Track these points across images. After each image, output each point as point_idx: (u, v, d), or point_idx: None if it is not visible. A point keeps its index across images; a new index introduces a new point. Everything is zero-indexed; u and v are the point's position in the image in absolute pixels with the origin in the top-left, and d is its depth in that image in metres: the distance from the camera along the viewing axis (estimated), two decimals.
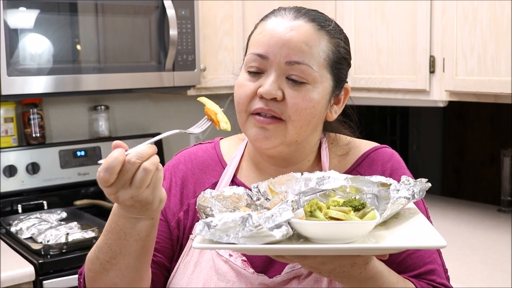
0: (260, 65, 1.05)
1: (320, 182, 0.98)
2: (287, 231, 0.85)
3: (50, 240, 2.06)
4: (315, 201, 0.89)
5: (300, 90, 1.03)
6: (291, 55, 1.03)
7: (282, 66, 1.03)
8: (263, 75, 1.05)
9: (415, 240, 0.90)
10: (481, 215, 2.50)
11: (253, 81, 1.06)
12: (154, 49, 2.43)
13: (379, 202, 0.96)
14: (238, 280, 1.06)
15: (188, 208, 1.13)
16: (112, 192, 0.86)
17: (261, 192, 1.01)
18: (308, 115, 1.04)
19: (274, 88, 1.02)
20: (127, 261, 0.96)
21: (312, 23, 1.06)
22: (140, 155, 0.87)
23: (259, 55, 1.05)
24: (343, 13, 2.48)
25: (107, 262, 0.97)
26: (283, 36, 1.03)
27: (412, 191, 0.96)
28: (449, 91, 2.18)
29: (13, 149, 2.43)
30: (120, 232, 0.94)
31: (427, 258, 1.07)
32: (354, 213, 0.88)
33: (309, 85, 1.04)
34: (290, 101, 1.03)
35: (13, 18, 2.10)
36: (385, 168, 1.12)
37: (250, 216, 0.83)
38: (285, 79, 1.04)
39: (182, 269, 1.10)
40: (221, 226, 0.84)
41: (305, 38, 1.04)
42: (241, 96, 1.07)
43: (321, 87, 1.05)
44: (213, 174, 1.17)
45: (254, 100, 1.05)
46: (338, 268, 0.90)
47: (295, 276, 1.05)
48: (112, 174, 0.84)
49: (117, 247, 0.96)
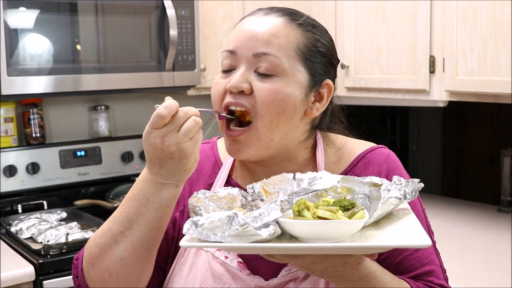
0: (231, 62, 1.05)
1: (312, 182, 0.98)
2: (275, 230, 0.85)
3: (50, 240, 2.06)
4: (303, 201, 0.89)
5: (267, 82, 1.02)
6: (258, 47, 1.02)
7: (250, 59, 1.03)
8: (234, 71, 1.05)
9: (400, 239, 0.89)
10: (481, 215, 2.50)
11: (225, 78, 1.06)
12: (154, 49, 2.43)
13: (371, 202, 0.96)
14: (234, 282, 1.05)
15: (184, 209, 1.13)
16: (161, 134, 0.91)
17: (256, 192, 1.01)
18: (277, 108, 1.02)
19: (240, 80, 1.02)
20: (141, 232, 0.97)
21: (283, 17, 1.06)
22: (190, 110, 0.94)
23: (229, 51, 1.05)
24: (343, 13, 2.48)
25: (120, 233, 0.97)
26: (250, 30, 1.04)
27: (404, 191, 0.95)
28: (449, 91, 2.18)
29: (13, 149, 2.43)
30: (143, 198, 0.96)
31: (425, 259, 1.07)
32: (343, 213, 0.88)
33: (277, 77, 1.02)
34: (258, 93, 1.02)
35: (13, 18, 2.10)
36: (381, 169, 1.11)
37: (236, 215, 0.84)
38: (253, 72, 1.03)
39: (178, 270, 1.10)
40: (208, 225, 0.84)
41: (273, 30, 1.03)
42: (214, 94, 1.07)
43: (293, 80, 1.03)
44: (209, 175, 1.17)
45: (226, 97, 1.05)
46: (330, 268, 0.90)
47: (291, 278, 1.04)
48: (170, 113, 0.91)
49: (135, 215, 0.96)
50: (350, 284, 0.94)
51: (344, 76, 2.50)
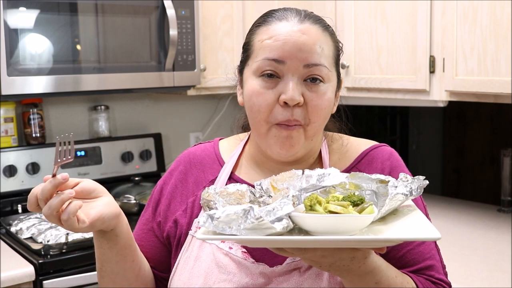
0: (276, 70, 1.05)
1: (320, 179, 1.00)
2: (288, 224, 0.88)
3: (50, 240, 2.06)
4: (315, 196, 0.91)
5: (317, 91, 1.06)
6: (308, 58, 1.04)
7: (300, 70, 1.04)
8: (279, 80, 1.05)
9: (411, 232, 0.92)
10: (481, 215, 2.50)
11: (270, 88, 1.05)
12: (154, 49, 2.43)
13: (378, 198, 0.98)
14: (239, 271, 1.07)
15: (186, 207, 1.16)
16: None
17: (263, 189, 1.04)
18: (326, 114, 1.08)
19: (297, 93, 1.04)
20: (110, 267, 1.10)
21: (317, 25, 1.08)
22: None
23: (275, 60, 1.05)
24: (343, 13, 2.48)
25: (100, 269, 1.12)
26: (297, 40, 1.04)
27: (410, 188, 0.98)
28: (449, 91, 2.18)
29: (13, 149, 2.43)
30: (97, 242, 1.08)
31: (426, 254, 1.09)
32: (353, 208, 0.90)
33: (325, 84, 1.07)
34: (311, 104, 1.05)
35: (13, 18, 2.10)
36: (384, 166, 1.14)
37: (251, 208, 0.86)
38: (303, 82, 1.05)
39: (183, 264, 1.12)
40: (224, 218, 0.87)
41: (317, 40, 1.06)
42: (261, 105, 1.06)
43: (332, 85, 1.09)
44: (210, 171, 1.19)
45: (275, 109, 1.05)
46: (338, 262, 0.91)
47: (295, 267, 1.06)
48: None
49: (100, 255, 1.10)
50: (356, 278, 0.96)
51: (344, 76, 2.50)
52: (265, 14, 1.12)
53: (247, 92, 1.08)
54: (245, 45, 1.13)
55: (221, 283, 1.06)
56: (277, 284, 1.05)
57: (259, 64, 1.06)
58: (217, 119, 3.05)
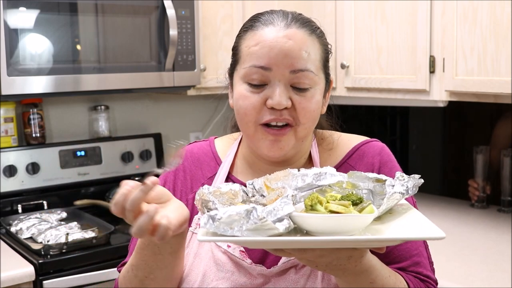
0: (262, 77, 1.06)
1: (317, 178, 1.00)
2: (289, 224, 0.87)
3: (50, 240, 2.06)
4: (316, 195, 0.91)
5: (305, 95, 1.07)
6: (294, 64, 1.05)
7: (287, 75, 1.05)
8: (266, 86, 1.06)
9: (415, 232, 0.92)
10: (481, 215, 2.50)
11: (257, 93, 1.07)
12: (154, 49, 2.43)
13: (374, 197, 0.98)
14: (237, 270, 1.08)
15: (187, 203, 1.16)
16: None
17: (256, 189, 1.03)
18: (315, 116, 1.09)
19: (284, 98, 1.05)
20: (164, 273, 1.05)
21: (304, 28, 1.08)
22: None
23: (262, 67, 1.06)
24: (343, 13, 2.48)
25: (145, 278, 1.06)
26: (283, 46, 1.05)
27: (406, 186, 0.98)
28: (449, 91, 2.18)
29: (13, 149, 2.43)
30: (154, 248, 1.01)
31: (414, 250, 1.10)
32: (352, 207, 0.90)
33: (312, 88, 1.07)
34: (299, 106, 1.06)
35: (13, 18, 2.10)
36: (374, 161, 1.15)
37: (254, 209, 0.85)
38: (290, 87, 1.06)
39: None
40: (225, 219, 0.86)
41: (303, 45, 1.06)
42: (247, 108, 1.07)
43: (320, 88, 1.10)
44: (208, 169, 1.20)
45: (263, 111, 1.07)
46: (335, 261, 0.91)
47: (291, 266, 1.07)
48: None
49: (153, 262, 1.03)
50: (352, 277, 0.96)
51: (344, 76, 2.50)
52: (252, 18, 1.13)
53: (235, 95, 1.11)
54: (234, 49, 1.14)
55: (219, 281, 1.07)
56: (274, 284, 1.06)
57: (246, 71, 1.07)
58: (217, 119, 3.05)
